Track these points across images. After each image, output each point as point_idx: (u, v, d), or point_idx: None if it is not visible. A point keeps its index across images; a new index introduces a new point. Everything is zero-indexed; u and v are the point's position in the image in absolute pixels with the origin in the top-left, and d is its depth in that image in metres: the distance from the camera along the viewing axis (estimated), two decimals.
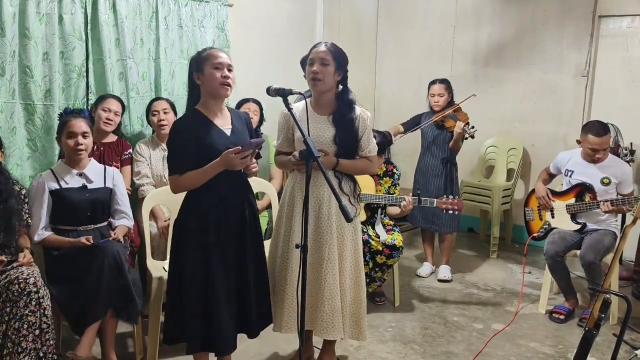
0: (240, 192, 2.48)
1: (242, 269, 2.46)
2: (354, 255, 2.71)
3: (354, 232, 2.71)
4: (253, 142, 2.31)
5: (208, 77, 2.37)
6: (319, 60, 2.53)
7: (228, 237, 2.42)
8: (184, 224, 2.44)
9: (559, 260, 3.47)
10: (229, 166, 2.30)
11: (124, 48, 3.59)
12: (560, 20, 4.78)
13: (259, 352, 3.05)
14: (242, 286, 2.46)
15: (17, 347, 2.42)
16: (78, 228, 2.87)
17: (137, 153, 3.55)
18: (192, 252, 2.39)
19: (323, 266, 2.61)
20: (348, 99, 2.64)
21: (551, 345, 3.26)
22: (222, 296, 2.39)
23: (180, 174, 2.36)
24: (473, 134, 3.98)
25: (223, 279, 2.39)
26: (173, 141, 2.40)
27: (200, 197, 2.40)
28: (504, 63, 5.14)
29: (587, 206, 3.55)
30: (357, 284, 2.72)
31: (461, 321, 3.54)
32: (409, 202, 3.36)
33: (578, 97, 4.75)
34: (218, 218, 2.40)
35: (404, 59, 5.83)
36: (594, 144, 3.50)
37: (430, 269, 4.34)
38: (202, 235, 2.39)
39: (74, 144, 2.84)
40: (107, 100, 3.35)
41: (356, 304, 2.72)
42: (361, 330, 2.75)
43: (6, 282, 2.49)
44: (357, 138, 2.63)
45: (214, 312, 2.38)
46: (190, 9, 3.99)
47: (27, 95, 3.21)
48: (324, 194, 2.61)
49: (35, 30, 3.17)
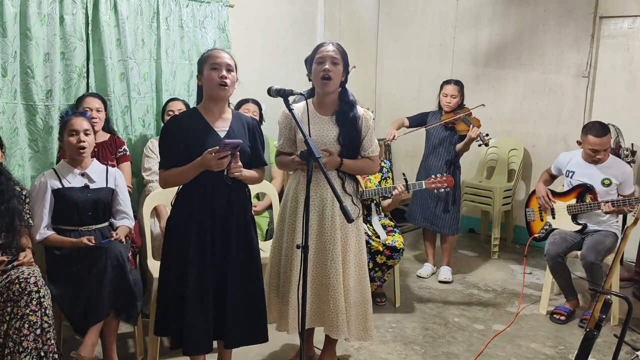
0: (228, 195, 2.42)
1: (223, 275, 2.44)
2: (358, 256, 2.72)
3: (357, 232, 2.71)
4: (228, 142, 2.24)
5: (206, 78, 2.38)
6: (329, 59, 2.54)
7: (209, 240, 2.40)
8: (172, 222, 2.47)
9: (559, 261, 3.47)
10: (206, 166, 2.30)
11: (125, 48, 3.59)
12: (560, 21, 4.78)
13: (261, 353, 3.05)
14: (222, 293, 2.44)
15: (19, 347, 2.42)
16: (79, 228, 2.87)
17: (149, 149, 3.58)
18: (174, 250, 2.43)
19: (327, 266, 2.61)
20: (349, 99, 2.65)
21: (552, 346, 3.26)
22: (195, 298, 2.38)
23: (165, 169, 2.40)
24: (487, 142, 3.98)
25: (198, 281, 2.38)
26: (163, 137, 2.45)
27: (187, 196, 2.42)
28: (505, 63, 5.14)
29: (588, 207, 3.55)
30: (361, 284, 2.72)
31: (462, 322, 3.54)
32: (400, 191, 3.36)
33: (579, 98, 4.75)
34: (202, 220, 2.40)
35: (405, 59, 5.83)
36: (594, 145, 3.50)
37: (431, 269, 4.34)
38: (185, 234, 2.40)
39: (77, 141, 2.84)
40: (86, 100, 3.32)
41: (361, 304, 2.72)
42: (367, 330, 2.75)
43: (7, 281, 2.49)
44: (360, 138, 2.64)
45: (185, 311, 2.38)
46: (191, 10, 3.99)
47: (28, 95, 3.22)
48: (328, 195, 2.61)
49: (37, 31, 3.18)
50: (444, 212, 4.08)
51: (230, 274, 2.44)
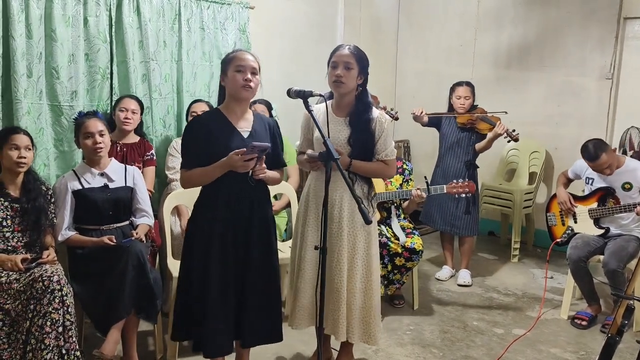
0: (250, 196, 2.44)
1: (244, 276, 2.45)
2: (366, 260, 2.68)
3: (367, 236, 2.67)
4: (257, 145, 2.26)
5: (230, 80, 2.39)
6: (342, 64, 2.54)
7: (232, 241, 2.41)
8: (194, 222, 2.48)
9: (582, 266, 3.42)
10: (232, 167, 2.30)
11: (147, 50, 3.63)
12: (583, 23, 4.71)
13: (277, 353, 3.06)
14: (241, 293, 2.45)
15: (41, 344, 2.46)
16: (101, 227, 2.91)
17: (173, 148, 3.62)
18: (196, 251, 2.43)
19: (332, 267, 2.61)
20: (366, 101, 2.64)
21: (573, 351, 3.21)
22: (217, 299, 2.39)
23: (187, 169, 2.40)
24: (517, 137, 3.95)
25: (219, 282, 2.39)
26: (185, 136, 2.46)
27: (210, 196, 2.43)
28: (526, 65, 5.09)
29: (610, 211, 3.50)
30: (368, 288, 2.69)
31: (481, 326, 3.51)
32: (417, 195, 3.34)
33: (602, 100, 4.68)
34: (225, 220, 2.41)
35: (425, 60, 5.80)
36: (591, 167, 3.50)
37: (449, 272, 4.31)
38: (207, 234, 2.41)
39: (92, 143, 2.89)
40: (124, 100, 3.40)
41: (366, 309, 2.70)
42: (371, 334, 2.72)
43: (30, 279, 2.54)
44: (373, 141, 2.63)
45: (206, 313, 2.39)
46: (212, 12, 4.02)
47: (53, 96, 3.28)
48: (336, 196, 2.61)
49: (61, 33, 3.23)
50: (466, 214, 4.05)
51: (251, 274, 2.45)
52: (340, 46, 2.62)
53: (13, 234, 2.71)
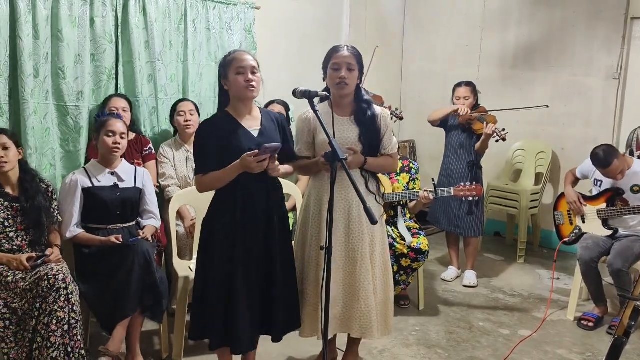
0: (267, 193, 2.46)
1: (269, 271, 2.46)
2: (383, 256, 2.72)
3: (382, 232, 2.72)
4: (268, 147, 2.28)
5: (233, 83, 2.40)
6: (345, 65, 2.53)
7: (254, 238, 2.43)
8: (212, 222, 2.47)
9: (593, 267, 3.40)
10: (246, 169, 2.31)
11: (153, 50, 3.64)
12: (590, 22, 4.69)
13: (282, 354, 3.06)
14: (268, 289, 2.46)
15: (46, 342, 2.47)
16: (108, 226, 2.93)
17: (161, 155, 3.60)
18: (217, 250, 2.42)
19: (357, 268, 2.61)
20: (365, 98, 2.66)
21: (579, 352, 3.20)
22: (244, 296, 2.40)
23: (203, 174, 2.40)
24: (504, 136, 3.93)
25: (246, 280, 2.40)
26: (198, 142, 2.46)
27: (228, 196, 2.42)
28: (532, 65, 5.07)
29: (618, 212, 3.48)
30: (386, 284, 2.73)
31: (487, 326, 3.50)
32: (424, 197, 3.34)
33: (609, 101, 4.66)
34: (245, 218, 2.41)
35: (430, 60, 5.79)
36: (603, 174, 3.47)
37: (455, 272, 4.30)
38: (228, 234, 2.41)
39: (113, 142, 2.91)
40: (113, 100, 3.39)
41: (384, 303, 2.73)
42: (387, 326, 2.78)
43: (36, 278, 2.55)
44: (380, 136, 2.65)
45: (235, 311, 2.40)
46: (218, 12, 4.03)
47: (60, 96, 3.29)
48: (353, 195, 2.58)
49: (68, 33, 3.25)
50: (468, 215, 4.04)
51: (274, 269, 2.47)
52: (337, 47, 2.61)
53: (17, 233, 2.73)
